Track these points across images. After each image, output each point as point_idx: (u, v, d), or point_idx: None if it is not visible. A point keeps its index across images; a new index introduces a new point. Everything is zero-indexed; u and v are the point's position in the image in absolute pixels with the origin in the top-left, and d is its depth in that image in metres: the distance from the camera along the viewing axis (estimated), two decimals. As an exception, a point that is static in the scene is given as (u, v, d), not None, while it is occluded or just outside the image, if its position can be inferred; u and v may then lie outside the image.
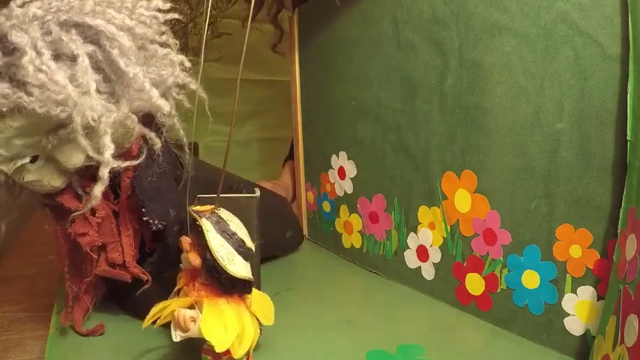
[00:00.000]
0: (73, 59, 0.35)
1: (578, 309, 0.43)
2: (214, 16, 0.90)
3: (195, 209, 0.40)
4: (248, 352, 0.39)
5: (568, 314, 0.43)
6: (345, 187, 0.68)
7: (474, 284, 0.51)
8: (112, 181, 0.41)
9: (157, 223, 0.43)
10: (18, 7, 0.34)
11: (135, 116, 0.40)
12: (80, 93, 0.35)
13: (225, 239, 0.39)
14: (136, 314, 0.48)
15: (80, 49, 0.35)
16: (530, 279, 0.46)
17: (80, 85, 0.35)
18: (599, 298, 0.41)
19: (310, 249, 0.75)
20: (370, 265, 0.65)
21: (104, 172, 0.37)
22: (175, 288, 0.42)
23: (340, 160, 0.68)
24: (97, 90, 0.36)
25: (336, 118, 0.68)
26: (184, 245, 0.40)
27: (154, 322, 0.39)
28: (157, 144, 0.42)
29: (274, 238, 0.66)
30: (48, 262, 0.58)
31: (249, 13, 0.39)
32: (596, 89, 0.40)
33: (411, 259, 0.58)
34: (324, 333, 0.47)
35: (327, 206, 0.72)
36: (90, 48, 0.36)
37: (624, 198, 0.38)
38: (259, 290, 0.43)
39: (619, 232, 0.38)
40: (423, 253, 0.57)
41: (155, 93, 0.39)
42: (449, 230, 0.53)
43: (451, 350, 0.45)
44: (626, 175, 0.38)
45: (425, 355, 0.43)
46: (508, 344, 0.46)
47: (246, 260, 0.39)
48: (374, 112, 0.61)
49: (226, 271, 0.38)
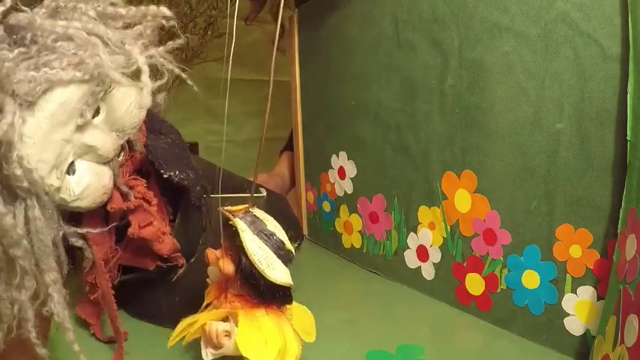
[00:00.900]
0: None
1: (578, 309, 0.43)
2: (214, 16, 0.90)
3: (228, 209, 0.36)
4: None
5: (568, 314, 0.43)
6: (345, 187, 0.68)
7: (474, 284, 0.51)
8: (140, 172, 0.40)
9: (177, 175, 0.40)
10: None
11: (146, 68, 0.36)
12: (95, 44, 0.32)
13: (263, 241, 0.34)
14: (137, 314, 0.48)
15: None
16: (530, 279, 0.46)
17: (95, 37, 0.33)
18: (599, 298, 0.41)
19: (310, 249, 0.75)
20: (370, 265, 0.65)
21: (147, 95, 0.35)
22: (204, 303, 0.38)
23: (340, 160, 0.68)
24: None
25: (336, 118, 0.68)
26: (210, 257, 0.36)
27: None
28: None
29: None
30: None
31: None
32: (596, 89, 0.40)
33: (411, 259, 0.58)
34: (324, 333, 0.47)
35: (327, 206, 0.72)
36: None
37: (624, 198, 0.38)
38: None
39: (619, 232, 0.38)
40: (423, 253, 0.57)
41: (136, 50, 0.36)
42: (449, 230, 0.53)
43: (451, 350, 0.45)
44: (626, 175, 0.38)
45: (425, 355, 0.43)
46: (508, 344, 0.46)
47: (287, 264, 0.35)
48: (374, 112, 0.61)
49: (265, 277, 0.33)
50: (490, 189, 0.48)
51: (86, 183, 0.35)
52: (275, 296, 0.34)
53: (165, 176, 0.40)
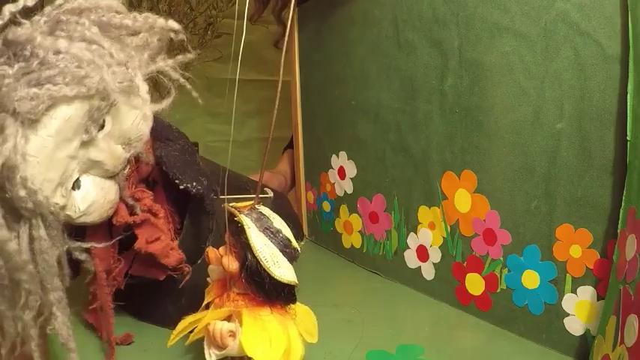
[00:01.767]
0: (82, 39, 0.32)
1: (578, 309, 0.43)
2: (214, 16, 0.89)
3: (233, 205, 0.35)
4: None
5: (568, 314, 0.43)
6: (345, 187, 0.68)
7: (474, 284, 0.51)
8: (146, 181, 0.40)
9: (195, 185, 0.40)
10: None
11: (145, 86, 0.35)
12: (99, 57, 0.31)
13: (269, 238, 0.34)
14: (136, 314, 0.48)
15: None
16: (530, 279, 0.46)
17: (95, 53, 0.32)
18: (599, 298, 0.41)
19: (310, 249, 0.75)
20: (370, 265, 0.65)
21: (149, 112, 0.34)
22: (204, 302, 0.37)
23: (340, 160, 0.68)
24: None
25: (336, 118, 0.68)
26: (211, 256, 0.36)
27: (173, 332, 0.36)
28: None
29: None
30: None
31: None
32: (596, 89, 0.40)
33: (411, 259, 0.58)
34: (324, 333, 0.47)
35: (327, 206, 0.72)
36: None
37: (624, 198, 0.38)
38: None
39: (619, 232, 0.38)
40: (423, 253, 0.57)
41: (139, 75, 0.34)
42: (449, 230, 0.53)
43: (451, 350, 0.45)
44: (626, 175, 0.38)
45: (425, 355, 0.43)
46: (508, 344, 0.46)
47: (292, 262, 0.35)
48: (374, 112, 0.61)
49: (271, 275, 0.32)
50: (490, 189, 0.48)
51: (92, 199, 0.34)
52: (280, 295, 0.34)
53: (182, 187, 0.39)
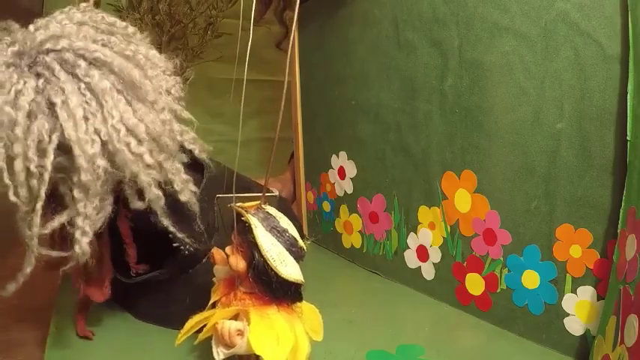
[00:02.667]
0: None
1: (578, 309, 0.43)
2: (214, 16, 0.89)
3: (240, 205, 0.36)
4: None
5: (568, 314, 0.43)
6: (345, 187, 0.68)
7: (474, 284, 0.51)
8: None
9: (188, 247, 0.39)
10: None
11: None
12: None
13: (276, 237, 0.34)
14: (137, 315, 0.48)
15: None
16: (530, 279, 0.46)
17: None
18: (599, 298, 0.41)
19: (310, 249, 0.75)
20: (370, 265, 0.65)
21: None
22: (210, 301, 0.38)
23: (340, 160, 0.68)
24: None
25: (336, 118, 0.68)
26: (216, 256, 0.36)
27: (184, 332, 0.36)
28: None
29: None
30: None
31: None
32: (596, 89, 0.40)
33: (411, 259, 0.58)
34: (324, 333, 0.47)
35: (327, 206, 0.72)
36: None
37: (624, 198, 0.38)
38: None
39: (619, 232, 0.38)
40: (423, 253, 0.57)
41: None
42: (449, 230, 0.53)
43: (451, 350, 0.45)
44: (626, 175, 0.38)
45: (425, 355, 0.43)
46: (508, 344, 0.46)
47: (298, 261, 0.35)
48: (374, 112, 0.61)
49: (278, 274, 0.33)
50: (490, 189, 0.48)
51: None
52: (287, 293, 0.34)
53: (174, 245, 0.39)
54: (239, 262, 0.34)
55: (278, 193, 0.46)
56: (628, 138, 0.37)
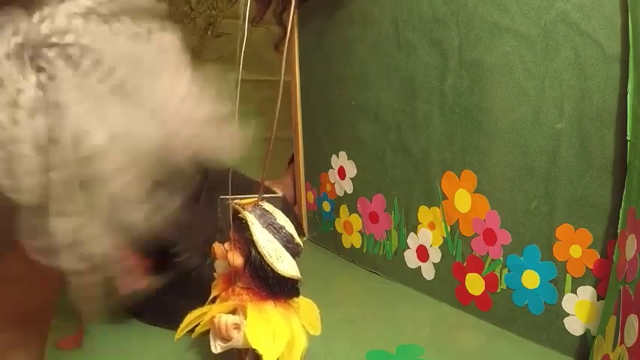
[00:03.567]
0: None
1: (578, 309, 0.43)
2: (214, 16, 0.90)
3: (237, 202, 0.36)
4: None
5: (568, 314, 0.43)
6: (345, 187, 0.68)
7: (474, 284, 0.51)
8: None
9: (193, 265, 0.39)
10: None
11: None
12: None
13: (273, 233, 0.34)
14: (137, 315, 0.48)
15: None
16: (530, 279, 0.46)
17: None
18: (599, 298, 0.41)
19: (310, 249, 0.75)
20: (370, 265, 0.65)
21: None
22: (210, 296, 0.38)
23: (340, 160, 0.68)
24: None
25: (336, 118, 0.68)
26: (217, 251, 0.36)
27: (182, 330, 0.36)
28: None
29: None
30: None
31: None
32: (596, 89, 0.40)
33: (411, 259, 0.58)
34: (324, 333, 0.47)
35: (327, 206, 0.72)
36: None
37: (624, 198, 0.38)
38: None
39: (619, 232, 0.38)
40: (423, 253, 0.57)
41: None
42: (449, 230, 0.53)
43: (451, 350, 0.45)
44: (626, 175, 0.38)
45: (425, 355, 0.43)
46: (508, 344, 0.46)
47: (294, 258, 0.35)
48: (374, 112, 0.61)
49: (274, 270, 0.33)
50: (490, 189, 0.48)
51: None
52: (283, 289, 0.34)
53: (176, 260, 0.39)
54: (236, 258, 0.34)
55: (282, 194, 0.46)
56: (628, 138, 0.37)
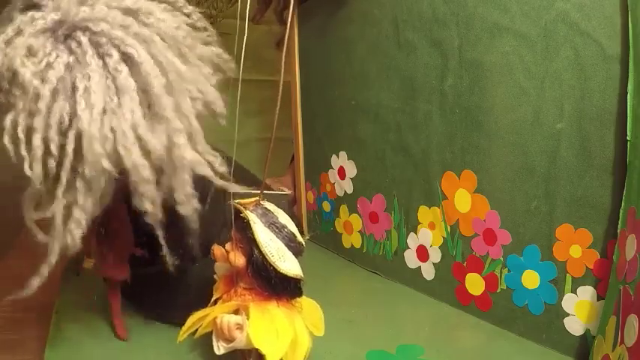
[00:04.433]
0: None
1: (578, 309, 0.43)
2: (214, 16, 0.89)
3: (239, 201, 0.36)
4: None
5: (568, 314, 0.43)
6: (345, 187, 0.68)
7: (474, 284, 0.51)
8: None
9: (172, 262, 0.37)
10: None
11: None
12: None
13: (275, 233, 0.34)
14: (139, 308, 0.48)
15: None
16: (530, 279, 0.46)
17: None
18: (599, 298, 0.41)
19: (310, 249, 0.75)
20: (370, 265, 0.65)
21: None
22: (212, 299, 0.38)
23: (340, 160, 0.68)
24: None
25: (336, 118, 0.68)
26: (216, 253, 0.36)
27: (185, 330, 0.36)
28: None
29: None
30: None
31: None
32: (596, 89, 0.40)
33: (411, 259, 0.58)
34: (324, 333, 0.47)
35: (327, 206, 0.72)
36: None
37: (624, 198, 0.38)
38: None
39: (619, 232, 0.38)
40: (423, 253, 0.57)
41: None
42: (449, 230, 0.53)
43: (451, 350, 0.45)
44: (626, 175, 0.38)
45: (425, 355, 0.43)
46: (508, 344, 0.46)
47: (297, 257, 0.35)
48: (374, 112, 0.61)
49: (276, 269, 0.33)
50: (490, 189, 0.48)
51: None
52: (286, 288, 0.34)
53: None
54: (238, 258, 0.34)
55: (289, 192, 0.45)
56: (628, 138, 0.37)
